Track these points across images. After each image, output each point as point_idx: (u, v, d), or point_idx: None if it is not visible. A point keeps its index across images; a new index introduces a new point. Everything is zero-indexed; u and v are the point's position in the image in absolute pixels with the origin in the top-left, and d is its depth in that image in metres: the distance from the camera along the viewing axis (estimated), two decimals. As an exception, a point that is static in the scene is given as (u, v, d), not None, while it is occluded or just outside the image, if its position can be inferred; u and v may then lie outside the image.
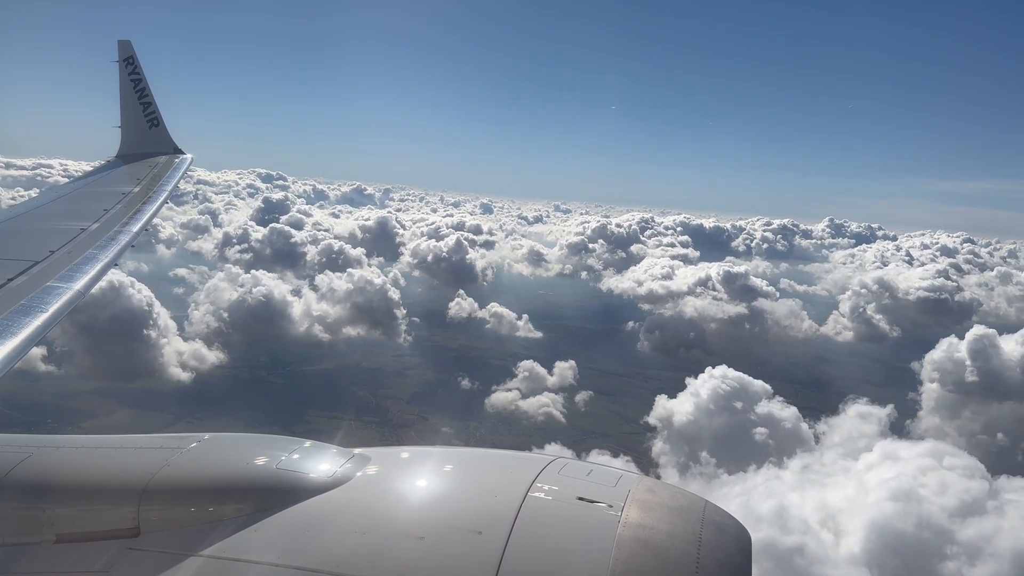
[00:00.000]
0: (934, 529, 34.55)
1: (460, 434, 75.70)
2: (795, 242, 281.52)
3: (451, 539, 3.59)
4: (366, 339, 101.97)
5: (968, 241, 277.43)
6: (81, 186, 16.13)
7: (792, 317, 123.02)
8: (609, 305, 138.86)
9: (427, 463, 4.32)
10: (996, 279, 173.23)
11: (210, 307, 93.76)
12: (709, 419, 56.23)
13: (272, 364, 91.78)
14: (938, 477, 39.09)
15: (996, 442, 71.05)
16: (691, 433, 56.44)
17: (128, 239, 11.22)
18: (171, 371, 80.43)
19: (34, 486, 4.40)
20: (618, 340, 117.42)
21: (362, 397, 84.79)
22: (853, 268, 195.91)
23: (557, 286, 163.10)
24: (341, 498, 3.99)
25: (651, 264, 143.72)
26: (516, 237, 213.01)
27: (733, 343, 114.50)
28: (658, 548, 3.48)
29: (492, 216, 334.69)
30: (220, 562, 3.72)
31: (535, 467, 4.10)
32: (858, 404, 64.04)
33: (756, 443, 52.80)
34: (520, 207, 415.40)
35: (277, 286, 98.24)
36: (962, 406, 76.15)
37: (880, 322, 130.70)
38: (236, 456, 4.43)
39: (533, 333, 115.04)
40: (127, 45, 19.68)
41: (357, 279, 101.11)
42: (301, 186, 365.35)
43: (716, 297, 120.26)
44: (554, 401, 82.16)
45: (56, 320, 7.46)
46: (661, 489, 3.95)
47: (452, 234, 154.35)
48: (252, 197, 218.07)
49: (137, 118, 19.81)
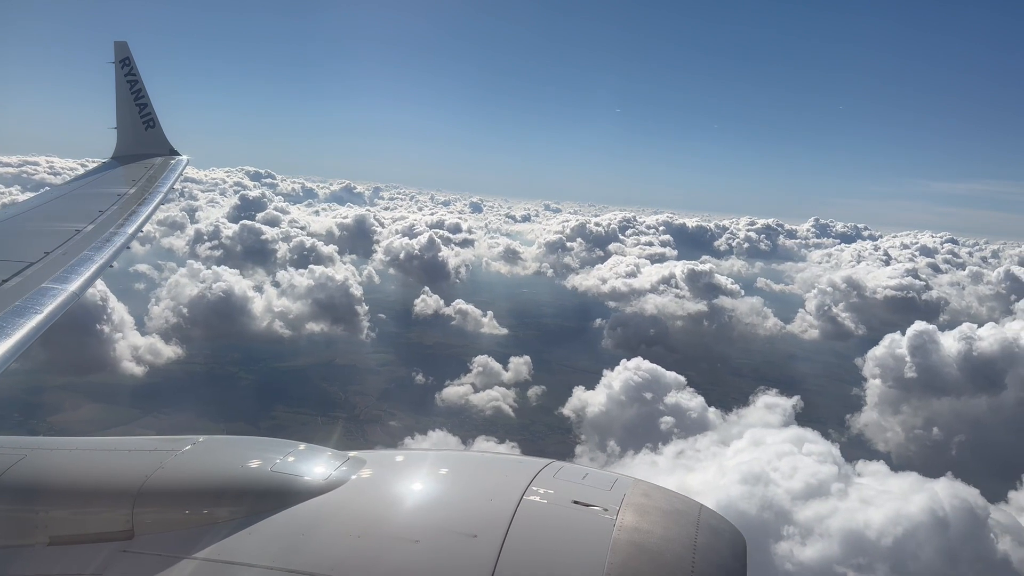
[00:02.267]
0: (775, 510, 35.84)
1: (410, 428, 76.68)
2: (779, 242, 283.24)
3: (446, 542, 3.60)
4: (329, 335, 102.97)
5: (951, 241, 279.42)
6: (77, 187, 16.29)
7: (755, 315, 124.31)
8: (579, 303, 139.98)
9: (422, 466, 4.32)
10: (968, 278, 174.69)
11: (170, 303, 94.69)
12: (620, 409, 57.68)
13: (240, 360, 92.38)
14: (792, 461, 40.28)
15: (931, 437, 72.39)
16: (602, 423, 57.88)
17: (123, 240, 11.23)
18: (125, 365, 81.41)
19: (28, 488, 4.38)
20: (584, 337, 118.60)
21: (324, 392, 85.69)
22: (828, 267, 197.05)
23: (530, 284, 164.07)
24: (336, 501, 4.00)
25: (616, 262, 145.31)
26: (493, 235, 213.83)
27: (695, 339, 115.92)
28: (653, 552, 3.50)
29: (480, 215, 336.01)
30: (214, 565, 3.73)
31: (530, 470, 4.11)
32: (767, 395, 65.41)
33: (661, 432, 54.18)
34: (512, 206, 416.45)
35: (238, 282, 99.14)
36: (901, 401, 77.49)
37: (845, 320, 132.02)
38: (231, 459, 4.43)
39: (498, 330, 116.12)
40: (123, 46, 19.70)
41: (319, 275, 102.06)
42: (290, 184, 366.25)
43: (678, 295, 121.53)
44: (505, 396, 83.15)
45: (51, 321, 7.44)
46: (656, 493, 3.99)
47: (426, 232, 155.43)
48: (237, 195, 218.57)
49: (133, 119, 19.89)
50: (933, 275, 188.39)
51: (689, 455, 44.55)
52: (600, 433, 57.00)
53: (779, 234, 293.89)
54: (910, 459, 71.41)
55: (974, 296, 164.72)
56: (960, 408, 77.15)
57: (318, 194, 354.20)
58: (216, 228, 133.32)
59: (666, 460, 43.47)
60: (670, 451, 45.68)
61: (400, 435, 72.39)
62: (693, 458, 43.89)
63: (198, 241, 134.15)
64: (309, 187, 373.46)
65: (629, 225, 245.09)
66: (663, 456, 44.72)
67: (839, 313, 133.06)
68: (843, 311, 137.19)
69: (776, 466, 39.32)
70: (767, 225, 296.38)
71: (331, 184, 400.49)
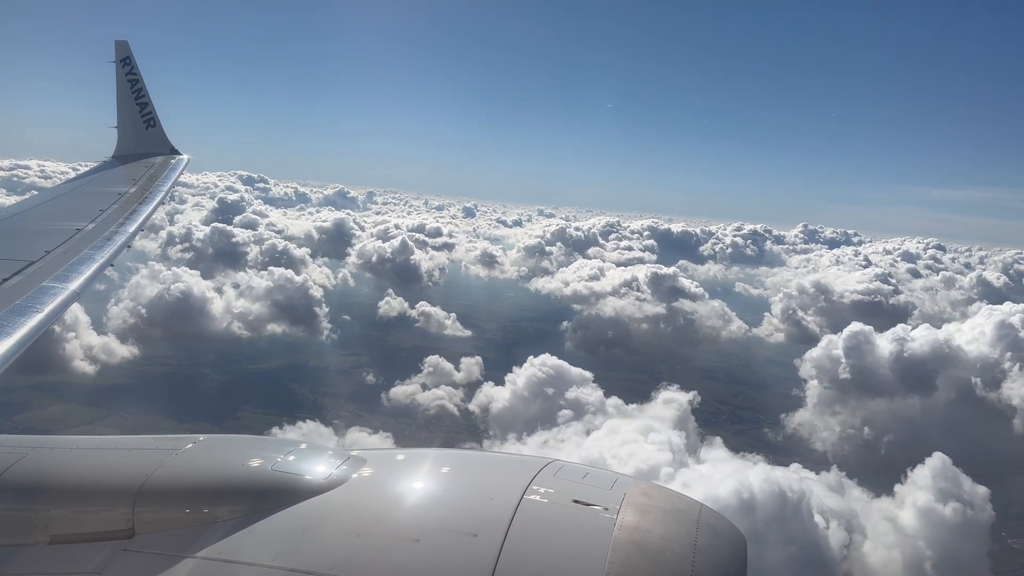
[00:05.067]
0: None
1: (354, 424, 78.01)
2: (766, 247, 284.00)
3: (446, 541, 3.61)
4: (288, 336, 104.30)
5: (938, 248, 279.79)
6: (77, 186, 16.25)
7: (717, 318, 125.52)
8: (548, 306, 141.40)
9: (423, 465, 4.32)
10: (941, 283, 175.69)
11: (130, 303, 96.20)
12: (524, 405, 59.03)
13: (201, 361, 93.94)
14: (632, 448, 41.69)
15: (862, 437, 73.48)
16: (505, 418, 59.22)
17: (124, 239, 11.22)
18: (76, 364, 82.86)
19: (28, 487, 4.39)
20: (548, 339, 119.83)
21: (276, 391, 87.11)
22: (804, 272, 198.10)
23: (504, 288, 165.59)
24: (336, 500, 4.01)
25: (581, 265, 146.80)
26: (473, 240, 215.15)
27: (656, 341, 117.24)
28: (653, 551, 3.50)
29: (471, 220, 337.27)
30: (215, 564, 3.73)
31: (531, 470, 4.12)
32: (668, 391, 66.70)
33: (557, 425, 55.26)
34: (507, 211, 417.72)
35: (197, 283, 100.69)
36: (836, 402, 78.67)
37: (810, 323, 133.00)
38: (231, 458, 4.43)
39: (462, 332, 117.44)
40: (124, 45, 19.70)
41: (278, 277, 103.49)
42: (282, 189, 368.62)
43: (640, 298, 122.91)
44: (451, 395, 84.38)
45: (51, 320, 7.43)
46: (657, 492, 3.98)
47: (399, 235, 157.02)
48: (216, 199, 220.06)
49: (134, 118, 19.89)
50: (910, 280, 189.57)
51: (551, 444, 45.97)
52: (502, 426, 58.35)
53: (766, 240, 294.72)
54: (845, 458, 72.66)
55: (947, 300, 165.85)
56: (892, 408, 78.32)
57: (311, 199, 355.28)
58: (188, 231, 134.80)
59: (529, 448, 44.74)
60: (536, 440, 47.10)
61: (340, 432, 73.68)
62: (555, 447, 45.28)
63: (170, 244, 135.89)
64: (302, 192, 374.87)
65: (613, 230, 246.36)
66: (528, 446, 46.03)
67: (804, 317, 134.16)
68: (812, 315, 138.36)
69: (616, 453, 40.76)
70: (754, 231, 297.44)
71: (325, 189, 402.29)
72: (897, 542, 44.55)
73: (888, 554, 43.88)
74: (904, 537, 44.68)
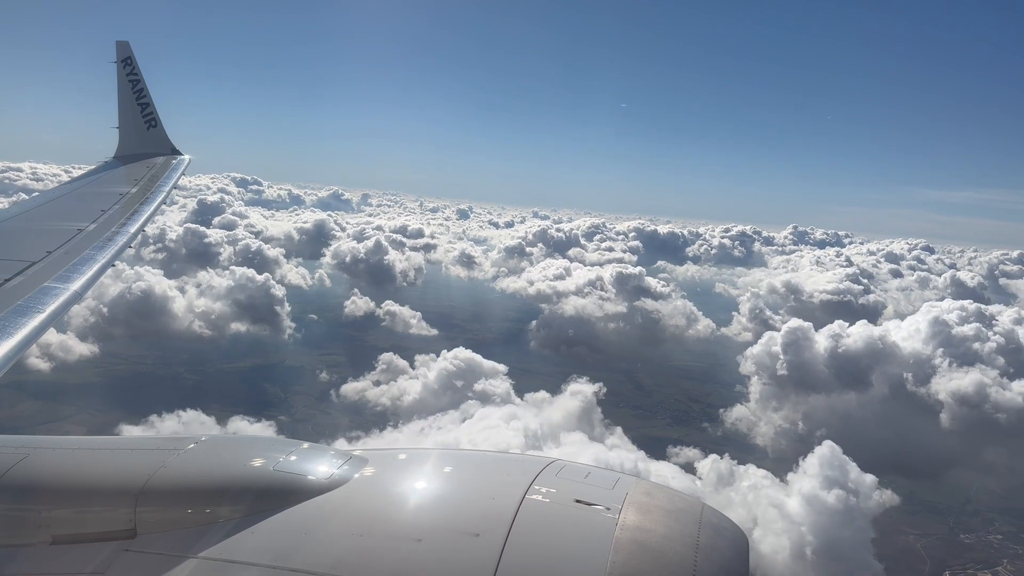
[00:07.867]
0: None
1: (305, 421, 79.25)
2: (754, 248, 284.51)
3: (448, 541, 3.62)
4: (250, 335, 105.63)
5: (926, 249, 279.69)
6: (79, 187, 16.19)
7: (681, 317, 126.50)
8: (518, 305, 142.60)
9: (425, 465, 4.33)
10: (916, 283, 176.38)
11: (92, 302, 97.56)
12: (433, 397, 60.17)
13: (172, 359, 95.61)
14: (492, 434, 42.89)
15: (797, 432, 74.49)
16: (413, 410, 60.32)
17: (126, 240, 11.26)
18: (31, 362, 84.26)
19: (30, 487, 4.39)
20: (516, 338, 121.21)
21: (233, 390, 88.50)
22: (785, 272, 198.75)
23: (479, 288, 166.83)
24: (338, 500, 4.01)
25: (547, 265, 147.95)
26: (453, 240, 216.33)
27: (620, 340, 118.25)
28: (655, 551, 3.51)
29: (464, 221, 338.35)
30: (217, 564, 3.73)
31: (533, 469, 4.12)
32: (577, 383, 67.85)
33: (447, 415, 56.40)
34: (502, 213, 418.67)
35: (159, 282, 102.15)
36: (773, 397, 79.68)
37: (777, 323, 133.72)
38: (233, 458, 4.45)
39: (428, 331, 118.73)
40: (125, 46, 19.72)
41: (239, 276, 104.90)
42: (276, 191, 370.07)
43: (603, 297, 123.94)
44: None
45: (53, 321, 7.43)
46: (658, 492, 3.98)
47: (375, 236, 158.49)
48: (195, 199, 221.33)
49: (135, 119, 19.92)
50: (888, 279, 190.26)
51: (427, 432, 47.23)
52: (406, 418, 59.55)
53: (755, 241, 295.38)
54: (783, 452, 73.65)
55: (921, 300, 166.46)
56: (829, 403, 79.39)
57: (305, 201, 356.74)
58: (162, 231, 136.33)
59: (405, 436, 46.00)
60: (412, 428, 48.39)
61: (290, 430, 74.91)
62: (431, 434, 46.57)
63: (143, 244, 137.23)
64: (296, 194, 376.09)
65: (598, 231, 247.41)
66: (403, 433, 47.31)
67: (772, 316, 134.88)
68: (781, 314, 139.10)
69: (473, 439, 41.97)
70: (743, 232, 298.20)
71: (320, 191, 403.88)
72: (784, 528, 45.62)
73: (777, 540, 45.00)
74: (790, 524, 45.75)
